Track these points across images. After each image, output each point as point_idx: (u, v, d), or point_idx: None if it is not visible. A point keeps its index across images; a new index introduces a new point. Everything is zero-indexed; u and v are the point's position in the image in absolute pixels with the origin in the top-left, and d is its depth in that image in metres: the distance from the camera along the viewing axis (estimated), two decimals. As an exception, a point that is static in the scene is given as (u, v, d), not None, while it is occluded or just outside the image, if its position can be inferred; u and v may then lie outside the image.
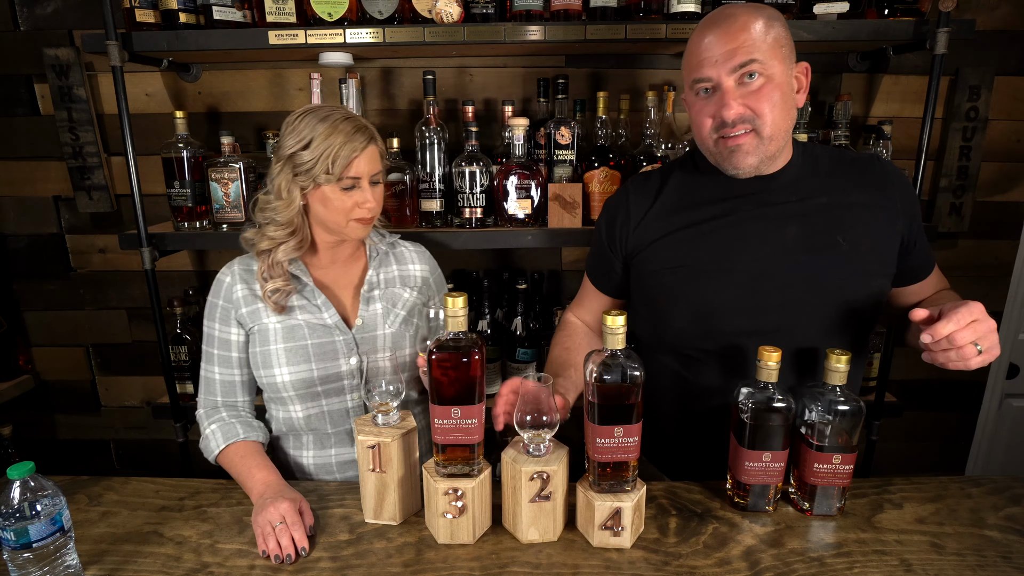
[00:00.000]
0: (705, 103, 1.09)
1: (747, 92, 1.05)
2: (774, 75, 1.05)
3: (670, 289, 1.19)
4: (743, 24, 1.04)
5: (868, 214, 1.13)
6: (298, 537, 0.99)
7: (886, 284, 1.17)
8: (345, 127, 1.16)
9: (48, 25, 1.88)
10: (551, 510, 0.99)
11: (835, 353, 0.99)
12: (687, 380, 1.22)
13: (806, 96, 1.12)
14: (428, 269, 1.39)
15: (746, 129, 1.06)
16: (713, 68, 1.06)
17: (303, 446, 1.31)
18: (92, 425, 2.26)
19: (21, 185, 2.02)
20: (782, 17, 1.09)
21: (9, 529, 0.84)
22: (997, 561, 0.97)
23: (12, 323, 2.10)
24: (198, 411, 1.29)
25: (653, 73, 1.90)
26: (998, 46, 1.86)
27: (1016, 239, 2.04)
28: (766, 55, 1.04)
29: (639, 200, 1.24)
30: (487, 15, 1.59)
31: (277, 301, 1.21)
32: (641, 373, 0.93)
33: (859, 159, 1.19)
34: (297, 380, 1.23)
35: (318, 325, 1.24)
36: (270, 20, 1.58)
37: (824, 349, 1.02)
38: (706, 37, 1.07)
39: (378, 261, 1.34)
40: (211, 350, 1.27)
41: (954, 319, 0.93)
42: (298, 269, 1.26)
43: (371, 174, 1.20)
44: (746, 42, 1.03)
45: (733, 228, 1.15)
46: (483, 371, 0.97)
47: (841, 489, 1.05)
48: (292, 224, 1.21)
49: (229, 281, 1.26)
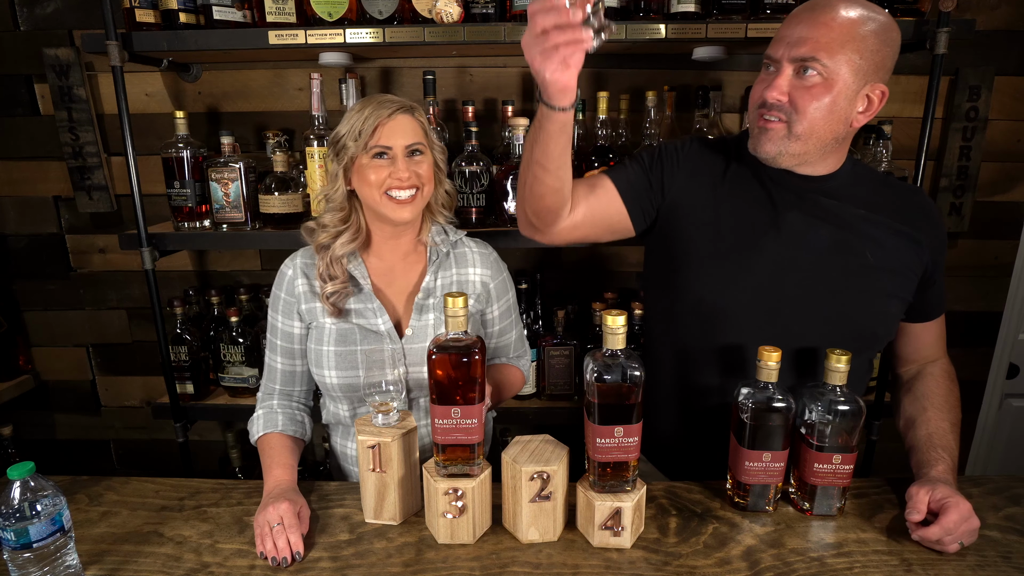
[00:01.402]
0: (765, 76, 1.10)
1: (799, 84, 1.05)
2: (835, 80, 1.02)
3: (694, 266, 1.17)
4: (830, 19, 1.02)
5: (900, 239, 1.13)
6: (293, 540, 0.98)
7: (901, 309, 1.18)
8: (378, 98, 1.19)
9: (48, 25, 1.88)
10: (551, 510, 0.99)
11: (835, 353, 0.99)
12: (690, 369, 1.21)
13: (868, 119, 1.08)
14: (490, 274, 1.33)
15: (780, 117, 1.06)
16: (781, 48, 1.05)
17: (348, 437, 1.34)
18: (92, 425, 2.26)
19: (21, 185, 2.02)
20: (891, 31, 1.04)
21: (9, 529, 0.84)
22: (997, 561, 0.97)
23: (12, 323, 2.10)
24: (258, 393, 1.33)
25: (653, 73, 1.90)
26: (998, 46, 1.86)
27: (1016, 239, 2.04)
28: (834, 59, 1.01)
29: (702, 160, 1.22)
30: (487, 15, 1.59)
31: (335, 303, 1.22)
32: (641, 373, 0.93)
33: (901, 186, 1.21)
34: (344, 384, 1.25)
35: (370, 331, 1.24)
36: (270, 20, 1.58)
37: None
38: (796, 17, 1.06)
39: (437, 264, 1.29)
40: (275, 340, 1.29)
41: (945, 527, 0.96)
42: (357, 270, 1.25)
43: (405, 144, 1.18)
44: (821, 38, 1.01)
45: (771, 212, 1.14)
46: (483, 371, 0.97)
47: (841, 489, 1.05)
48: (343, 209, 1.22)
49: (291, 275, 1.27)
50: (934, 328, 1.26)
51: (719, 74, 1.90)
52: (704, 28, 1.54)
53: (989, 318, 2.11)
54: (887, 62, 1.05)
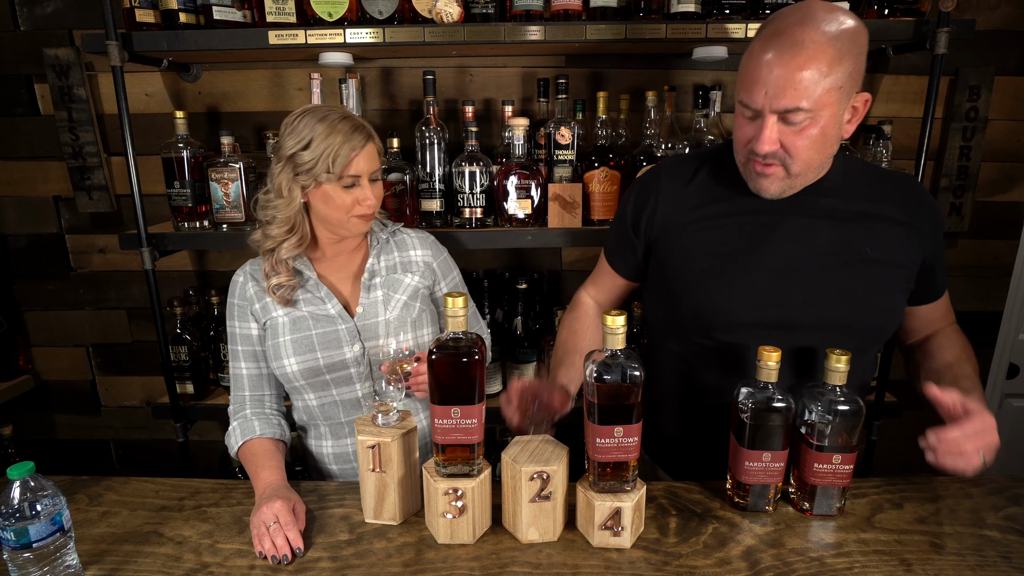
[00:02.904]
0: (746, 122, 1.06)
1: (787, 130, 1.02)
2: (821, 115, 0.99)
3: (693, 277, 1.17)
4: (804, 62, 0.95)
5: (897, 229, 1.13)
6: (292, 537, 0.99)
7: (904, 299, 1.17)
8: (343, 126, 1.18)
9: (48, 25, 1.88)
10: (551, 510, 0.99)
11: (835, 353, 0.99)
12: (694, 370, 1.21)
13: (855, 126, 1.07)
14: (431, 254, 1.39)
15: (776, 162, 1.05)
16: (760, 98, 1.00)
17: (322, 436, 1.36)
18: (92, 425, 2.26)
19: (21, 185, 2.02)
20: (860, 37, 0.99)
21: (9, 529, 0.84)
22: (997, 561, 0.97)
23: (12, 323, 2.10)
24: (229, 408, 1.33)
25: (653, 73, 1.90)
26: (998, 46, 1.86)
27: (1016, 239, 2.04)
28: (818, 101, 0.98)
29: (672, 184, 1.21)
30: (487, 15, 1.59)
31: (282, 295, 1.26)
32: (641, 373, 0.93)
33: (894, 176, 1.20)
34: (304, 369, 1.26)
35: (321, 316, 1.28)
36: (270, 20, 1.58)
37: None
38: (766, 55, 0.98)
39: (379, 249, 1.35)
40: (236, 347, 1.31)
41: (966, 428, 0.96)
42: (302, 264, 1.30)
43: (370, 172, 1.23)
44: (799, 85, 0.96)
45: (765, 224, 1.14)
46: (483, 371, 0.97)
47: (841, 489, 1.05)
48: (292, 221, 1.24)
49: (242, 280, 1.31)
50: (939, 306, 1.25)
51: (719, 74, 1.90)
52: (704, 28, 1.54)
53: (989, 318, 2.11)
54: (862, 67, 1.01)
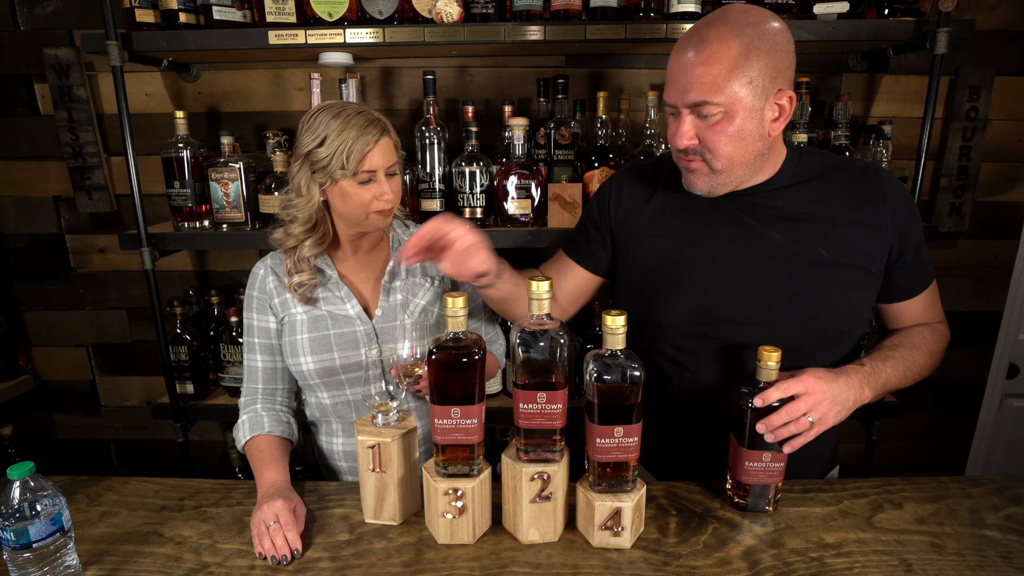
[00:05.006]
0: (672, 120, 1.08)
1: (702, 125, 1.03)
2: (735, 110, 1.00)
3: (653, 283, 1.18)
4: (708, 57, 0.98)
5: (855, 226, 1.10)
6: (291, 538, 0.99)
7: (869, 298, 1.15)
8: (358, 121, 1.16)
9: (48, 25, 1.88)
10: (551, 510, 0.99)
11: (767, 350, 0.99)
12: (667, 377, 1.21)
13: (783, 124, 1.06)
14: None
15: (697, 158, 1.07)
16: (674, 94, 1.04)
17: (333, 433, 1.35)
18: (92, 425, 2.26)
19: (21, 185, 2.02)
20: (774, 35, 0.99)
21: (9, 529, 0.84)
22: (997, 561, 0.97)
23: (12, 323, 2.10)
24: (240, 400, 1.33)
25: (653, 73, 1.90)
26: (998, 46, 1.86)
27: (1016, 239, 2.04)
28: (727, 94, 0.99)
29: (635, 186, 1.24)
30: (487, 15, 1.59)
31: (303, 293, 1.26)
32: (641, 373, 0.93)
33: (855, 167, 1.15)
34: (321, 368, 1.26)
35: (340, 316, 1.28)
36: (270, 20, 1.58)
37: (795, 358, 1.03)
38: (679, 54, 1.03)
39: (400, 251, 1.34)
40: (252, 339, 1.31)
41: (781, 387, 0.98)
42: (323, 263, 1.29)
43: (386, 166, 1.20)
44: (704, 79, 0.98)
45: (718, 231, 1.14)
46: (483, 371, 0.97)
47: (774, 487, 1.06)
48: (312, 220, 1.23)
49: (262, 274, 1.31)
50: (917, 304, 1.20)
51: (719, 74, 1.90)
52: (704, 28, 1.54)
53: (989, 318, 2.11)
54: (783, 65, 1.01)
